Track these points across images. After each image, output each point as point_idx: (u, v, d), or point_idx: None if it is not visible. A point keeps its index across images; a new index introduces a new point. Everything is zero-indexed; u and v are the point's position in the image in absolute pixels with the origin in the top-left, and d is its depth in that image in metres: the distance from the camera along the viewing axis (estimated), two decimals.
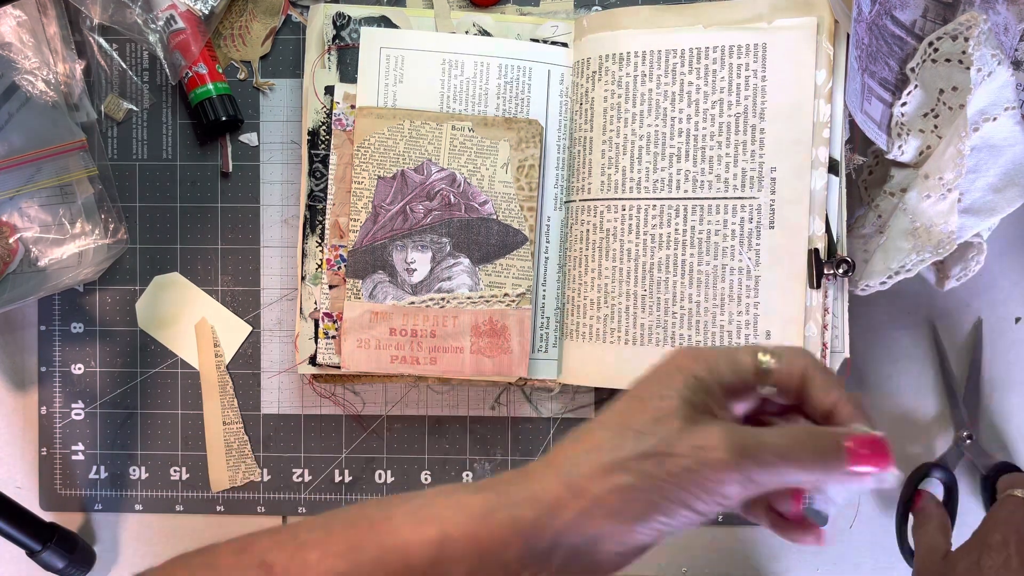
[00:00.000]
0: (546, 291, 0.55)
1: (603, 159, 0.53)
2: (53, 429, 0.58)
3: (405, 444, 0.58)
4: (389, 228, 0.54)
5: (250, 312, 0.58)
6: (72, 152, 0.55)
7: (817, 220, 0.50)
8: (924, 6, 0.50)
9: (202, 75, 0.55)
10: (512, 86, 0.55)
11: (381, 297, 0.54)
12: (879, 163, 0.54)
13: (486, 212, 0.54)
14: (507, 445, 0.58)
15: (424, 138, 0.54)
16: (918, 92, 0.50)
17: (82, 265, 0.55)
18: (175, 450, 0.58)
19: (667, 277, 0.52)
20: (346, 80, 0.55)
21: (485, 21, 0.55)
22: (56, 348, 0.58)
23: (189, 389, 0.58)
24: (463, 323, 0.54)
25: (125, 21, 0.54)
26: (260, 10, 0.57)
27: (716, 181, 0.51)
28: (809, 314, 0.50)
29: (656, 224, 0.52)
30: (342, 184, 0.55)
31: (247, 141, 0.57)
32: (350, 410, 0.58)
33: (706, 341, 0.51)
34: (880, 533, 0.58)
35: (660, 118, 0.52)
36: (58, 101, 0.55)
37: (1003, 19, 0.50)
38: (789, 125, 0.50)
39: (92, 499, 0.58)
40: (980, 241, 0.51)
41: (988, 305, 0.58)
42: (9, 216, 0.54)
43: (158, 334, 0.58)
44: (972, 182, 0.49)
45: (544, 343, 0.55)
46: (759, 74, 0.51)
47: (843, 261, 0.49)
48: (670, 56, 0.52)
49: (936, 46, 0.49)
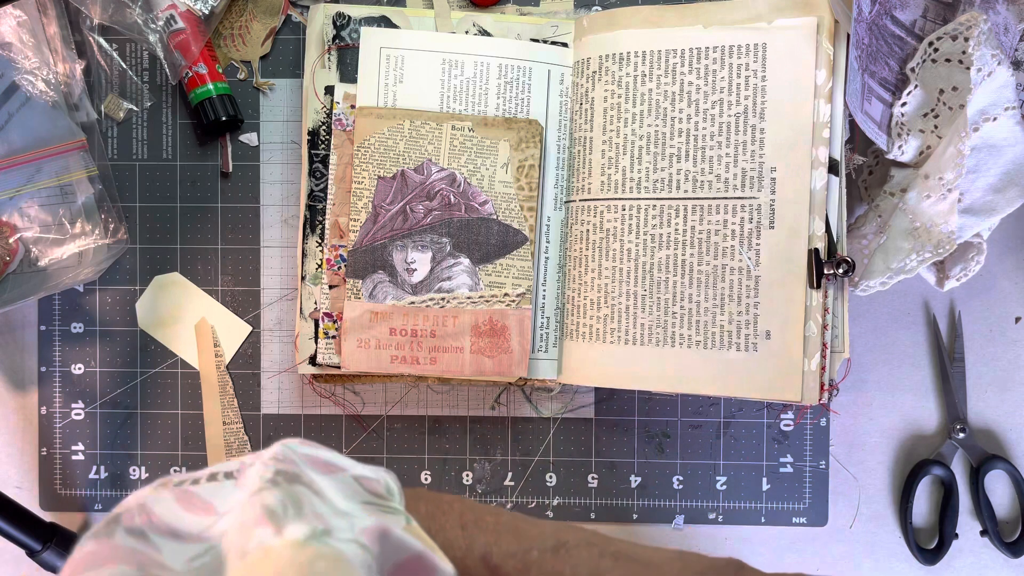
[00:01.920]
0: (546, 291, 0.55)
1: (603, 159, 0.53)
2: (53, 429, 0.58)
3: (405, 444, 0.58)
4: (389, 228, 0.54)
5: (250, 312, 0.58)
6: (72, 152, 0.55)
7: (817, 220, 0.50)
8: (924, 6, 0.50)
9: (202, 75, 0.55)
10: (512, 86, 0.55)
11: (381, 297, 0.54)
12: (879, 163, 0.54)
13: (486, 212, 0.54)
14: (507, 445, 0.58)
15: (424, 138, 0.54)
16: (918, 92, 0.50)
17: (82, 265, 0.55)
18: (175, 450, 0.58)
19: (667, 277, 0.52)
20: (346, 80, 0.55)
21: (485, 21, 0.55)
22: (56, 348, 0.58)
23: (189, 389, 0.58)
24: (463, 323, 0.54)
25: (125, 21, 0.54)
26: (260, 10, 0.57)
27: (716, 181, 0.51)
28: (809, 314, 0.50)
29: (656, 224, 0.52)
30: (342, 184, 0.55)
31: (247, 141, 0.57)
32: (350, 410, 0.58)
33: (706, 341, 0.51)
34: (880, 533, 0.58)
35: (660, 118, 0.52)
36: (58, 101, 0.55)
37: (1003, 19, 0.50)
38: (789, 125, 0.50)
39: (92, 499, 0.58)
40: (980, 241, 0.51)
41: (988, 305, 0.58)
42: (9, 216, 0.54)
43: (158, 334, 0.58)
44: (972, 182, 0.49)
45: (544, 343, 0.55)
46: (759, 74, 0.51)
47: (843, 261, 0.49)
48: (670, 56, 0.52)
49: (936, 46, 0.49)
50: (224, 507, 0.28)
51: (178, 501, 0.28)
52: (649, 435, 0.58)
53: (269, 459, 0.28)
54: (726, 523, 0.58)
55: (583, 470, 0.58)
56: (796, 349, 0.49)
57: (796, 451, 0.57)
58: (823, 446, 0.58)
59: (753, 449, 0.58)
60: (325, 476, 0.28)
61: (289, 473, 0.27)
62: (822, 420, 0.58)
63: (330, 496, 0.27)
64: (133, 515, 0.27)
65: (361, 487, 0.29)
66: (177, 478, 0.29)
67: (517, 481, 0.58)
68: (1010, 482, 0.58)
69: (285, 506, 0.25)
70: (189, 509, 0.27)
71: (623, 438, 0.58)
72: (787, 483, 0.58)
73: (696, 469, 0.58)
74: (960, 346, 0.57)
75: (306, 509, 0.26)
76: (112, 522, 0.27)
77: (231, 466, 0.29)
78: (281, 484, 0.26)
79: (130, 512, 0.27)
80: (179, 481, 0.29)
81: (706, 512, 0.58)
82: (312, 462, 0.29)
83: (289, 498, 0.26)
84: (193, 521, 0.27)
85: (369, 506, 0.28)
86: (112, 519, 0.27)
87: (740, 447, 0.58)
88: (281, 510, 0.25)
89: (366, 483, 0.29)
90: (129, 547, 0.26)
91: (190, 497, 0.28)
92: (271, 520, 0.25)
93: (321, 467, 0.29)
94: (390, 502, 0.29)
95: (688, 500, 0.58)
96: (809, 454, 0.58)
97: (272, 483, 0.26)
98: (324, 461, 0.29)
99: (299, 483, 0.27)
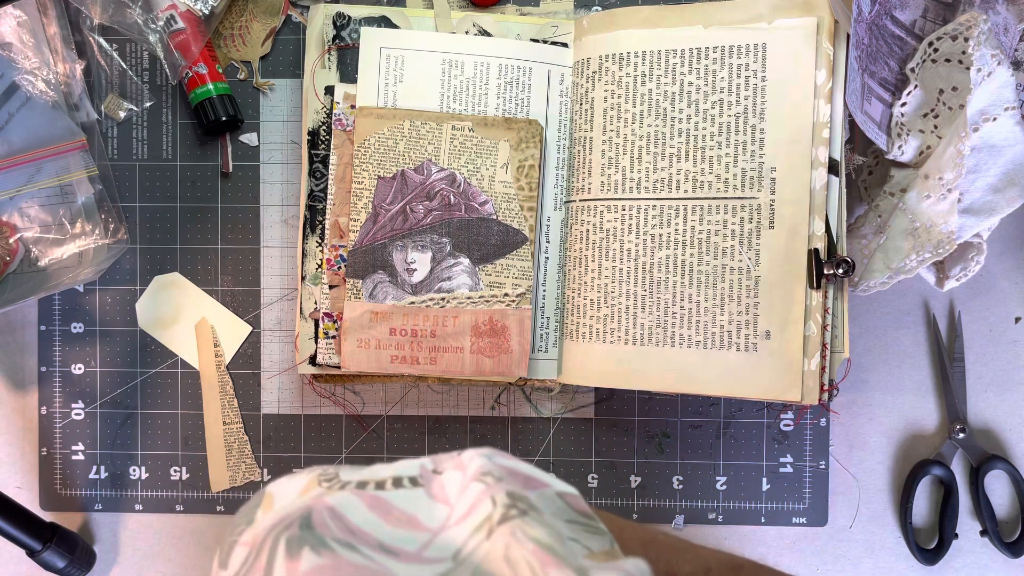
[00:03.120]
0: (546, 291, 0.55)
1: (603, 159, 0.53)
2: (53, 429, 0.58)
3: (405, 444, 0.58)
4: (389, 228, 0.54)
5: (250, 312, 0.58)
6: (72, 152, 0.55)
7: (817, 220, 0.50)
8: (924, 6, 0.50)
9: (202, 75, 0.55)
10: (512, 86, 0.55)
11: (381, 297, 0.54)
12: (879, 163, 0.54)
13: (486, 212, 0.54)
14: (507, 445, 0.58)
15: (424, 138, 0.54)
16: (918, 92, 0.50)
17: (82, 265, 0.55)
18: (175, 450, 0.58)
19: (667, 277, 0.52)
20: (346, 80, 0.55)
21: (485, 21, 0.55)
22: (56, 348, 0.58)
23: (189, 389, 0.58)
24: (463, 323, 0.54)
25: (125, 21, 0.54)
26: (260, 10, 0.57)
27: (716, 181, 0.51)
28: (809, 314, 0.50)
29: (656, 224, 0.52)
30: (342, 184, 0.55)
31: (247, 141, 0.57)
32: (350, 410, 0.58)
33: (706, 341, 0.51)
34: (880, 533, 0.58)
35: (660, 118, 0.52)
36: (58, 101, 0.55)
37: (1003, 19, 0.50)
38: (789, 125, 0.50)
39: (92, 499, 0.58)
40: (980, 241, 0.51)
41: (988, 305, 0.58)
42: (9, 216, 0.54)
43: (158, 334, 0.58)
44: (972, 182, 0.49)
45: (544, 343, 0.55)
46: (759, 74, 0.51)
47: (843, 261, 0.49)
48: (670, 56, 0.52)
49: (936, 46, 0.49)
50: (431, 522, 0.26)
51: (372, 509, 0.26)
52: (649, 435, 0.58)
53: (480, 474, 0.26)
54: (726, 523, 0.58)
55: (583, 470, 0.58)
56: (796, 349, 0.49)
57: (796, 451, 0.57)
58: (823, 446, 0.58)
59: (753, 449, 0.58)
60: (532, 492, 0.27)
61: (519, 496, 0.25)
62: (822, 420, 0.58)
63: (548, 519, 0.25)
64: (325, 519, 0.25)
65: (566, 504, 0.28)
66: (347, 475, 0.27)
67: None
68: (1010, 482, 0.58)
69: (557, 542, 0.23)
70: (388, 520, 0.25)
71: (623, 438, 0.58)
72: (787, 483, 0.58)
73: (696, 469, 0.58)
74: (960, 346, 0.57)
75: (568, 545, 0.24)
76: (305, 525, 0.24)
77: (410, 469, 0.28)
78: (529, 512, 0.24)
79: (320, 515, 0.25)
80: (360, 482, 0.26)
81: (706, 512, 0.58)
82: (512, 474, 0.27)
83: (554, 533, 0.24)
84: (402, 537, 0.25)
85: (574, 525, 0.27)
86: (301, 521, 0.24)
87: (740, 447, 0.58)
88: (559, 546, 0.23)
89: (570, 500, 0.28)
90: (359, 564, 0.24)
91: (385, 506, 0.26)
92: (556, 559, 0.23)
93: (522, 481, 0.27)
94: (596, 522, 0.28)
95: (688, 500, 0.58)
96: (809, 454, 0.58)
97: (514, 508, 0.24)
98: (525, 475, 0.28)
99: (532, 507, 0.25)
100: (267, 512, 0.27)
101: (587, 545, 0.26)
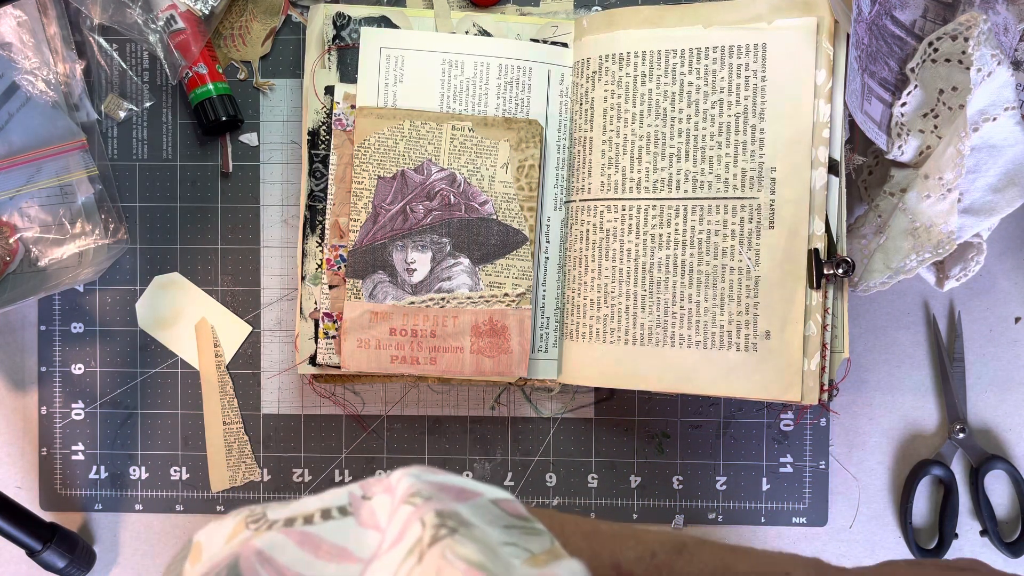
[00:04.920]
0: (546, 291, 0.55)
1: (603, 159, 0.53)
2: (53, 429, 0.58)
3: (405, 444, 0.58)
4: (389, 228, 0.54)
5: (250, 312, 0.58)
6: (72, 152, 0.55)
7: (817, 220, 0.50)
8: (924, 6, 0.50)
9: (202, 75, 0.55)
10: (512, 86, 0.55)
11: (381, 297, 0.54)
12: (879, 163, 0.54)
13: (486, 212, 0.54)
14: (507, 445, 0.58)
15: (424, 138, 0.54)
16: (918, 92, 0.50)
17: (82, 265, 0.55)
18: (175, 450, 0.58)
19: (667, 277, 0.52)
20: (346, 80, 0.55)
21: (485, 21, 0.55)
22: (56, 348, 0.58)
23: (189, 389, 0.58)
24: (463, 323, 0.54)
25: (125, 21, 0.54)
26: (260, 10, 0.57)
27: (716, 181, 0.51)
28: (809, 314, 0.50)
29: (656, 224, 0.52)
30: (342, 184, 0.55)
31: (247, 141, 0.57)
32: (350, 410, 0.58)
33: (706, 341, 0.51)
34: (880, 533, 0.58)
35: (660, 118, 0.52)
36: (58, 101, 0.55)
37: (1003, 19, 0.50)
38: (789, 125, 0.50)
39: (92, 499, 0.58)
40: (980, 241, 0.51)
41: (988, 305, 0.58)
42: (9, 216, 0.54)
43: (158, 334, 0.58)
44: (972, 182, 0.49)
45: (544, 343, 0.55)
46: (759, 74, 0.51)
47: (843, 261, 0.49)
48: (670, 56, 0.52)
49: (936, 46, 0.49)
50: (362, 551, 0.25)
51: (301, 546, 0.25)
52: (649, 435, 0.58)
53: (408, 495, 0.26)
54: (726, 523, 0.58)
55: (583, 470, 0.58)
56: (796, 349, 0.49)
57: (796, 451, 0.57)
58: (823, 446, 0.58)
59: (753, 449, 0.58)
60: (463, 505, 0.26)
61: (449, 513, 0.25)
62: (822, 420, 0.58)
63: (483, 528, 0.25)
64: (254, 565, 0.24)
65: (501, 510, 0.27)
66: (274, 513, 0.26)
67: (517, 481, 0.58)
68: (1010, 482, 0.58)
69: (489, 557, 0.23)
70: (319, 555, 0.25)
71: (623, 438, 0.58)
72: (787, 483, 0.58)
73: (696, 469, 0.58)
74: (960, 346, 0.57)
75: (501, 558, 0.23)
76: (233, 575, 0.24)
77: (338, 499, 0.27)
78: (459, 529, 0.24)
79: (248, 561, 0.24)
80: (288, 519, 0.26)
81: (706, 512, 0.58)
82: (443, 490, 0.27)
83: (485, 548, 0.23)
84: (333, 572, 0.25)
85: (512, 530, 0.26)
86: (228, 571, 0.24)
87: (740, 447, 0.58)
88: (490, 562, 0.23)
89: (505, 505, 0.28)
90: None
91: (315, 541, 0.25)
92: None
93: (454, 494, 0.27)
94: (533, 523, 0.28)
95: (688, 500, 0.58)
96: (809, 454, 0.58)
97: (443, 527, 0.24)
98: (457, 488, 0.27)
99: (463, 523, 0.24)
100: (195, 564, 0.27)
101: (527, 547, 0.26)
